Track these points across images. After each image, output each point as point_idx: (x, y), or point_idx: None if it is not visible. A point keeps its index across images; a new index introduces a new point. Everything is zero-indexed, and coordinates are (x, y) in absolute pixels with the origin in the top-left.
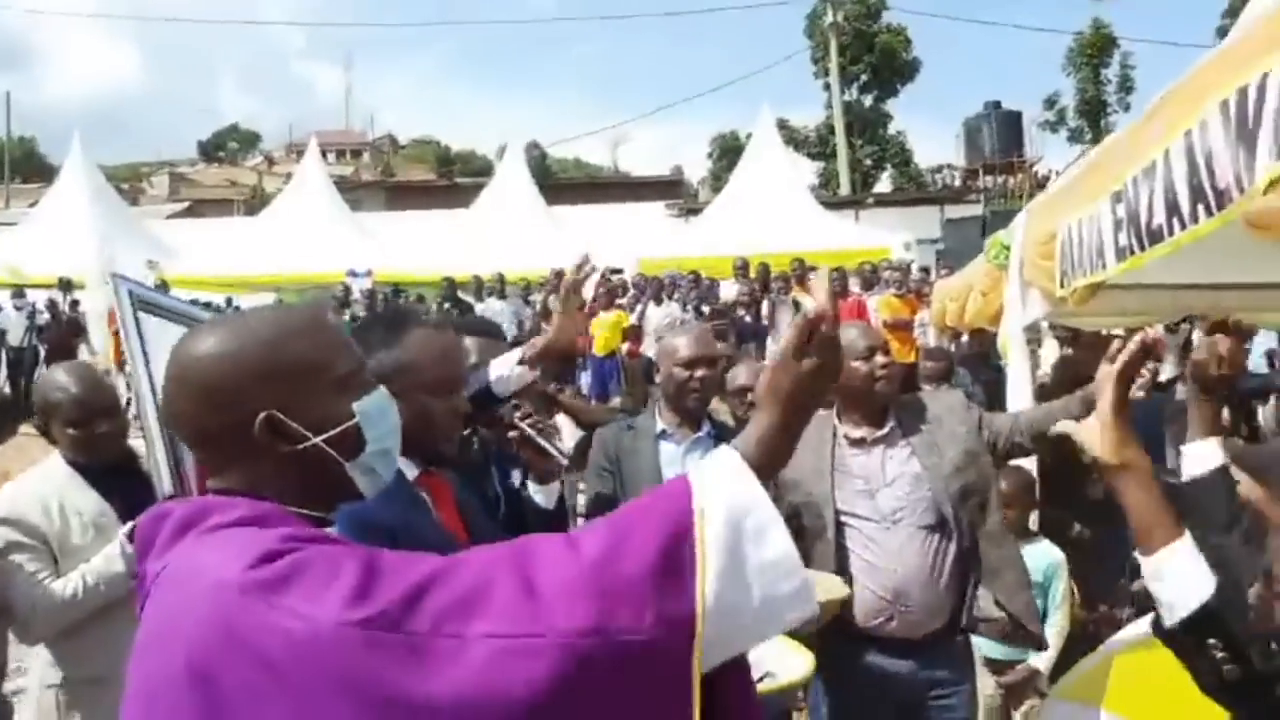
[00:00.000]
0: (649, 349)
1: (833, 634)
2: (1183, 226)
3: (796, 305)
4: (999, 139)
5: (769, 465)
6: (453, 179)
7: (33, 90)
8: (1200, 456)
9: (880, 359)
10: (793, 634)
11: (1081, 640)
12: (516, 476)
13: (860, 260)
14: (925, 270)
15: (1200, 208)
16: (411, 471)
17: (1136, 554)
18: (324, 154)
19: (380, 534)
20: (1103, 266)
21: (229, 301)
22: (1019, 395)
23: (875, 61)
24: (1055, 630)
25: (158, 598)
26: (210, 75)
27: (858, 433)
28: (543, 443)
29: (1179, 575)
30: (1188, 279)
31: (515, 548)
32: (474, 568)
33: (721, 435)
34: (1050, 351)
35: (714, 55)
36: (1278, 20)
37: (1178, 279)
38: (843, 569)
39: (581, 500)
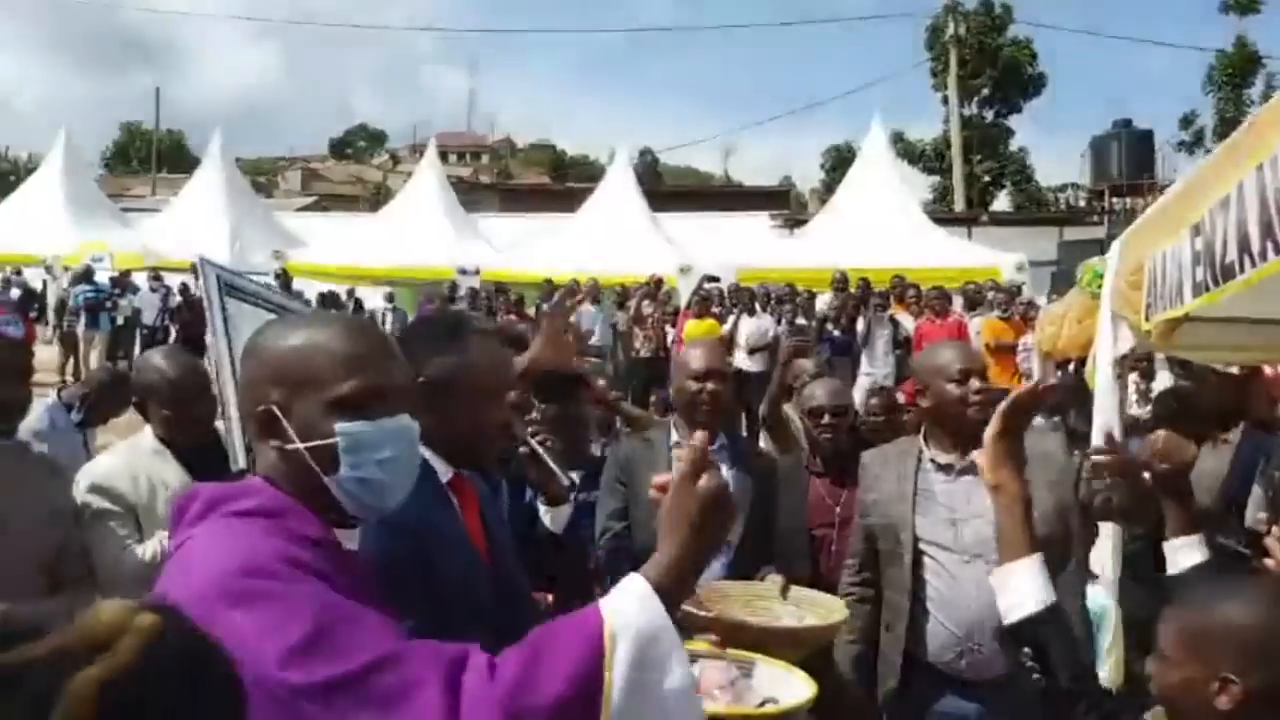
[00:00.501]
0: (740, 361)
1: (903, 666)
2: (1253, 264)
3: (894, 322)
4: (1128, 159)
5: (676, 590)
6: (565, 183)
7: (181, 86)
8: (1183, 551)
9: (975, 383)
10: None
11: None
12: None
13: (966, 280)
14: (1018, 290)
15: (1269, 245)
16: (446, 473)
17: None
18: (445, 155)
19: (404, 533)
20: (1181, 301)
21: (350, 293)
22: (1106, 430)
23: (998, 75)
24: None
25: (167, 571)
26: (343, 76)
27: (945, 458)
28: (549, 463)
29: (1017, 587)
30: None
31: (455, 654)
32: (414, 664)
33: (735, 447)
34: (1164, 384)
35: (831, 66)
36: None
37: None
38: (917, 598)
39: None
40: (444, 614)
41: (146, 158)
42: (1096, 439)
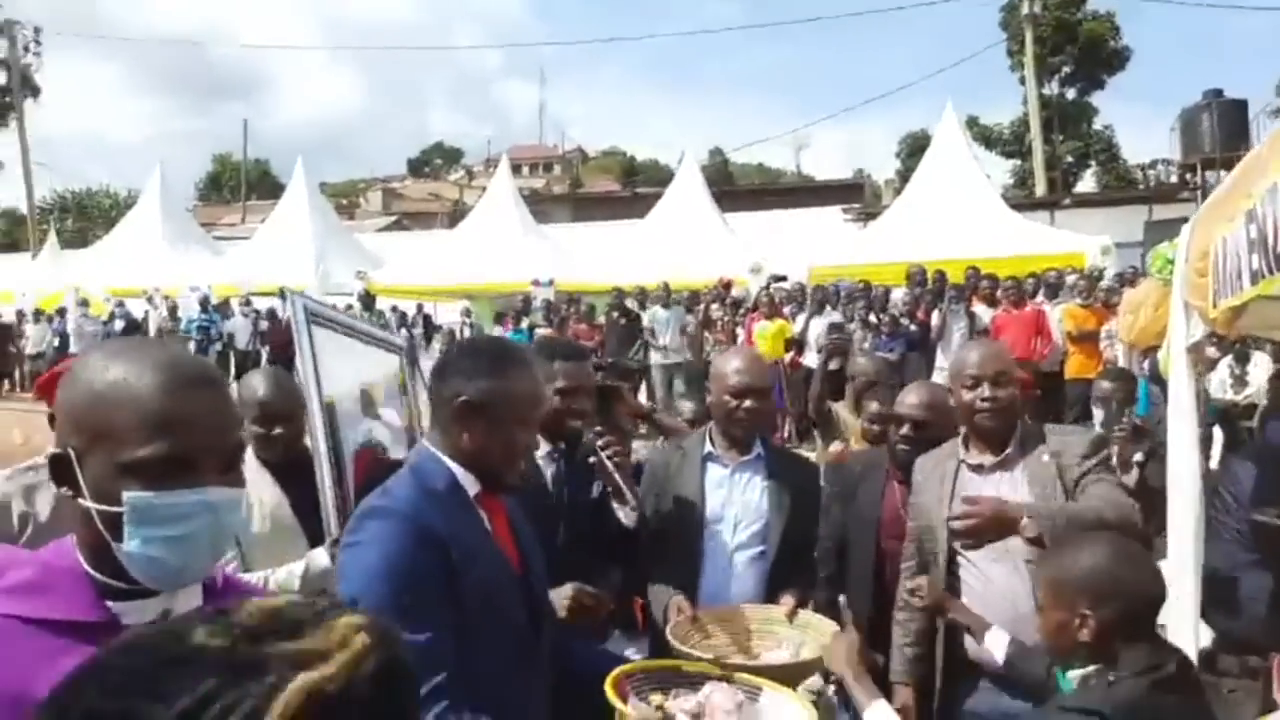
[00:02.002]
0: (810, 360)
1: (946, 665)
2: None
3: (970, 316)
4: (1220, 131)
5: None
6: (635, 189)
7: (267, 116)
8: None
9: (985, 390)
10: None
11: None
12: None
13: (1048, 266)
14: (1099, 276)
15: None
16: (473, 489)
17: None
18: (517, 168)
19: (436, 541)
20: (1241, 288)
21: (419, 308)
22: (1181, 421)
23: (1079, 52)
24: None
25: None
26: (420, 97)
27: (977, 459)
28: (616, 478)
29: (996, 644)
30: None
31: None
32: None
33: (770, 459)
34: (1260, 366)
35: (905, 53)
36: None
37: None
38: (954, 598)
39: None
40: (473, 621)
41: (236, 187)
42: (1172, 429)
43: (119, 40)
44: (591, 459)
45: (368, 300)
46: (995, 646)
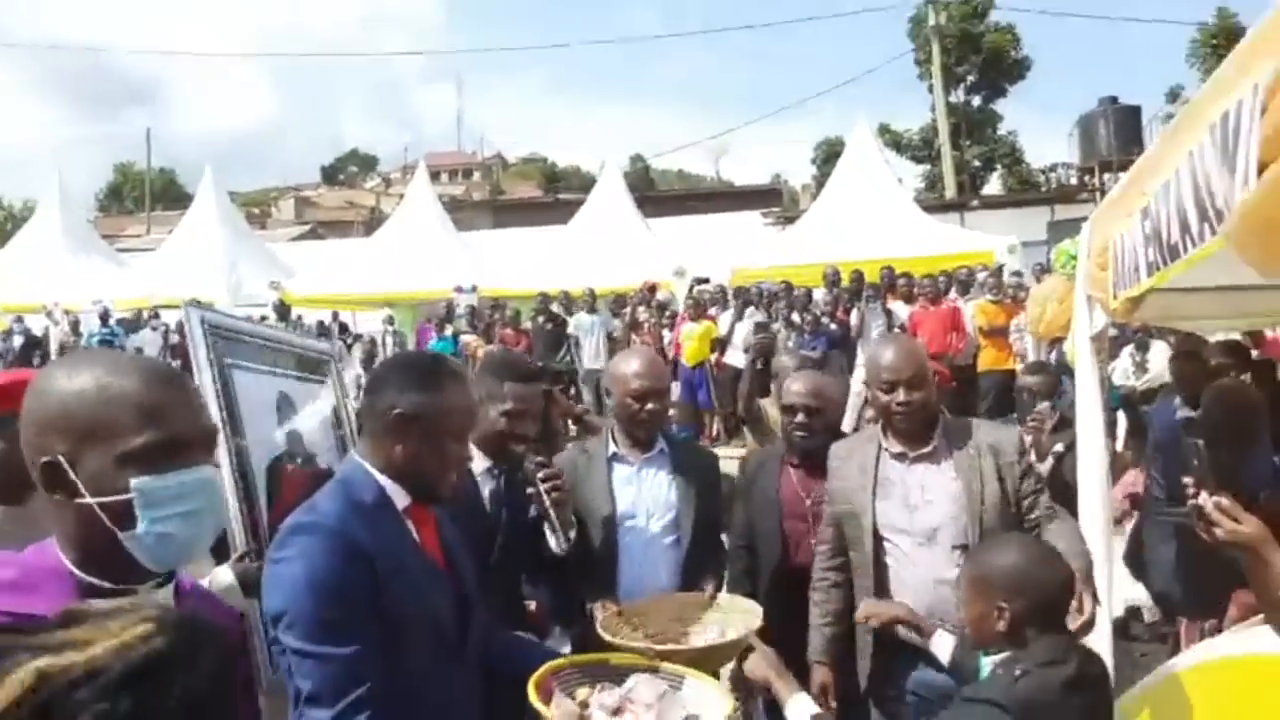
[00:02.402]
0: (735, 359)
1: (878, 648)
2: (1193, 244)
3: (888, 313)
4: (1116, 135)
5: None
6: (556, 196)
7: (171, 124)
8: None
9: (901, 395)
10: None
11: None
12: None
13: (960, 265)
14: (1017, 275)
15: (1205, 226)
16: (402, 501)
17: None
18: (436, 175)
19: (362, 555)
20: (1138, 280)
21: (334, 316)
22: (1088, 406)
23: (982, 62)
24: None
25: None
26: (333, 104)
27: (899, 448)
28: (550, 512)
29: (941, 647)
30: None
31: None
32: None
33: (673, 452)
34: (1159, 354)
35: (819, 63)
36: (1251, 47)
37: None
38: (879, 580)
39: None
40: (400, 629)
41: (140, 197)
42: (1081, 414)
43: (9, 46)
44: (530, 489)
45: (283, 310)
46: (941, 649)
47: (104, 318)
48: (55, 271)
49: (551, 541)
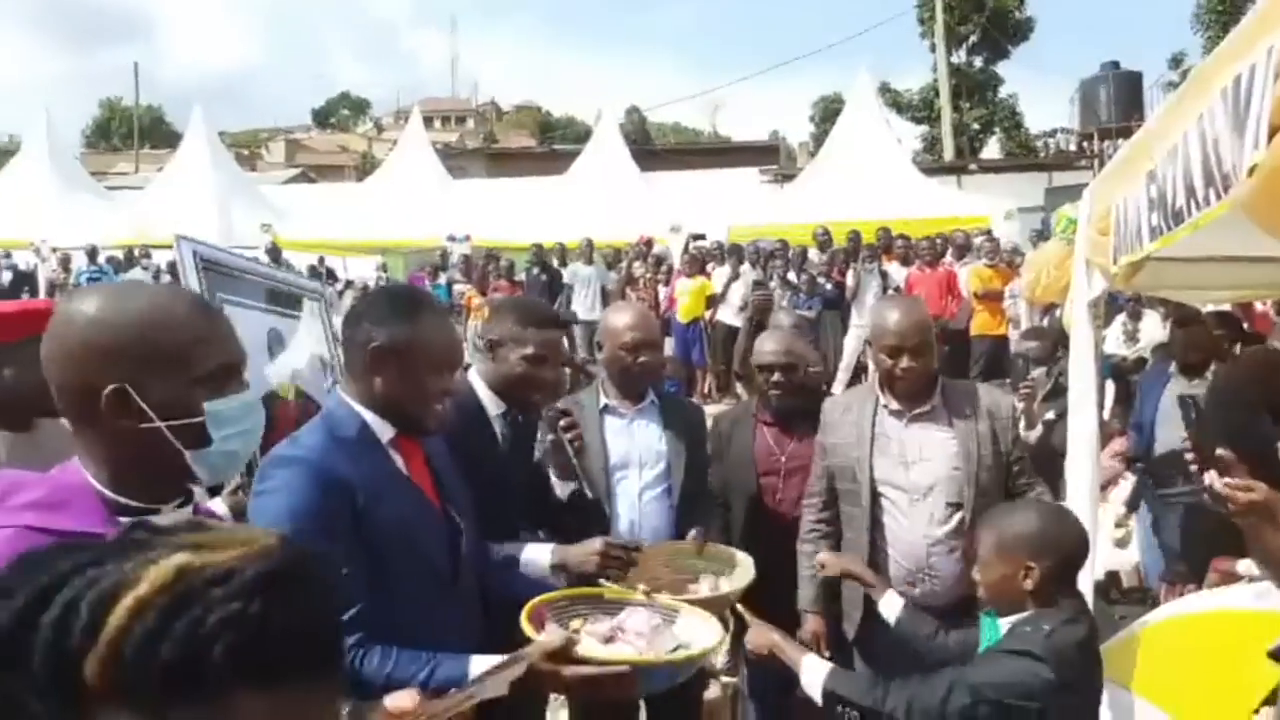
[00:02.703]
0: (729, 317)
1: (861, 597)
2: (1198, 208)
3: (884, 275)
4: (1116, 101)
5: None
6: (552, 146)
7: (159, 61)
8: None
9: (905, 361)
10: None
11: None
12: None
13: (956, 228)
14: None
15: (1211, 191)
16: (386, 434)
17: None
18: (429, 121)
19: (341, 485)
20: (1140, 245)
21: (320, 260)
22: (1082, 371)
23: (986, 21)
24: None
25: None
26: (323, 44)
27: (896, 406)
28: (573, 461)
29: (889, 607)
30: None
31: None
32: None
33: (662, 405)
34: (1151, 323)
35: (819, 17)
36: (1264, 12)
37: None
38: (875, 535)
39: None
40: (387, 557)
41: (127, 134)
42: (1074, 381)
43: None
44: (550, 436)
45: (275, 254)
46: (889, 609)
47: (92, 255)
48: (43, 208)
49: (559, 489)
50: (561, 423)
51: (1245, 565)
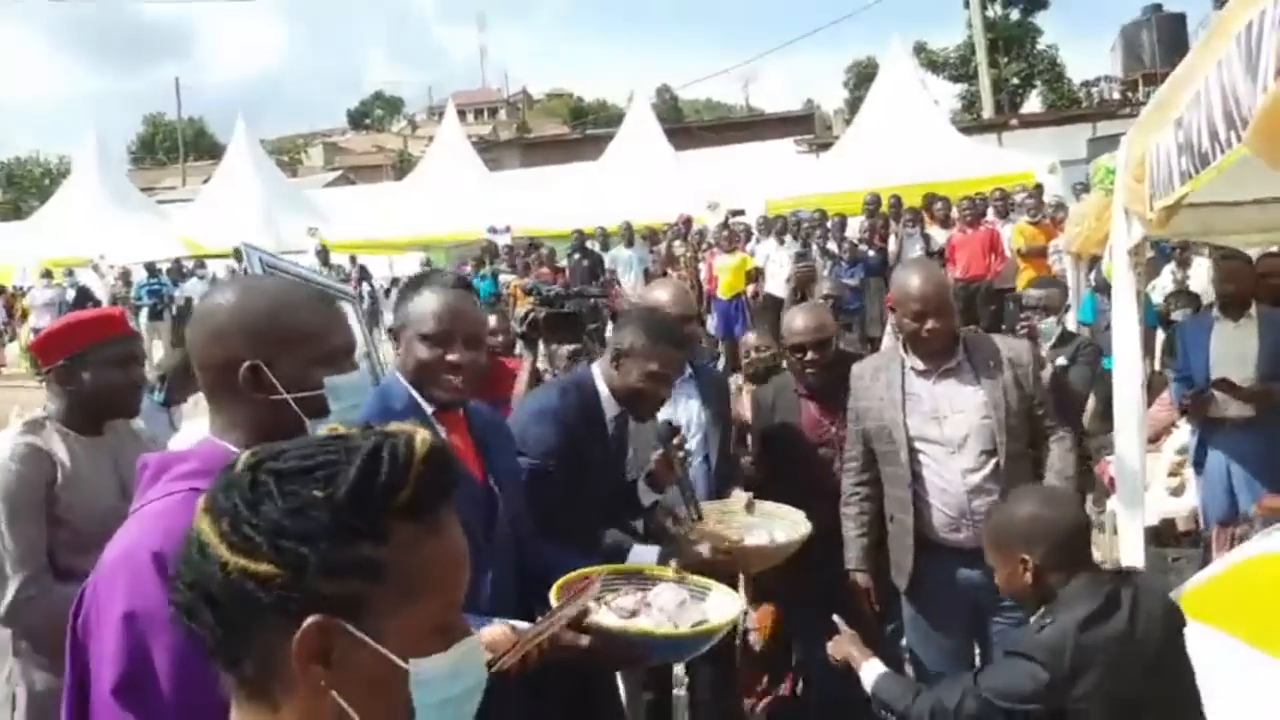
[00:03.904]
0: (776, 289)
1: (911, 547)
2: (1221, 151)
3: (926, 238)
4: (1161, 46)
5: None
6: (584, 131)
7: (198, 74)
8: None
9: (930, 324)
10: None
11: None
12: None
13: (997, 187)
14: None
15: (1232, 134)
16: (430, 406)
17: None
18: (462, 115)
19: None
20: (1172, 189)
21: (352, 260)
22: (1125, 322)
23: None
24: None
25: (121, 528)
26: (354, 47)
27: (922, 365)
28: (683, 482)
29: (868, 675)
30: None
31: None
32: None
33: (700, 379)
34: (1200, 271)
35: None
36: None
37: None
38: (917, 489)
39: None
40: None
41: (170, 148)
42: (1117, 330)
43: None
44: (661, 450)
45: (324, 256)
46: (867, 677)
47: (151, 269)
48: (98, 226)
49: (644, 496)
50: (675, 440)
51: None
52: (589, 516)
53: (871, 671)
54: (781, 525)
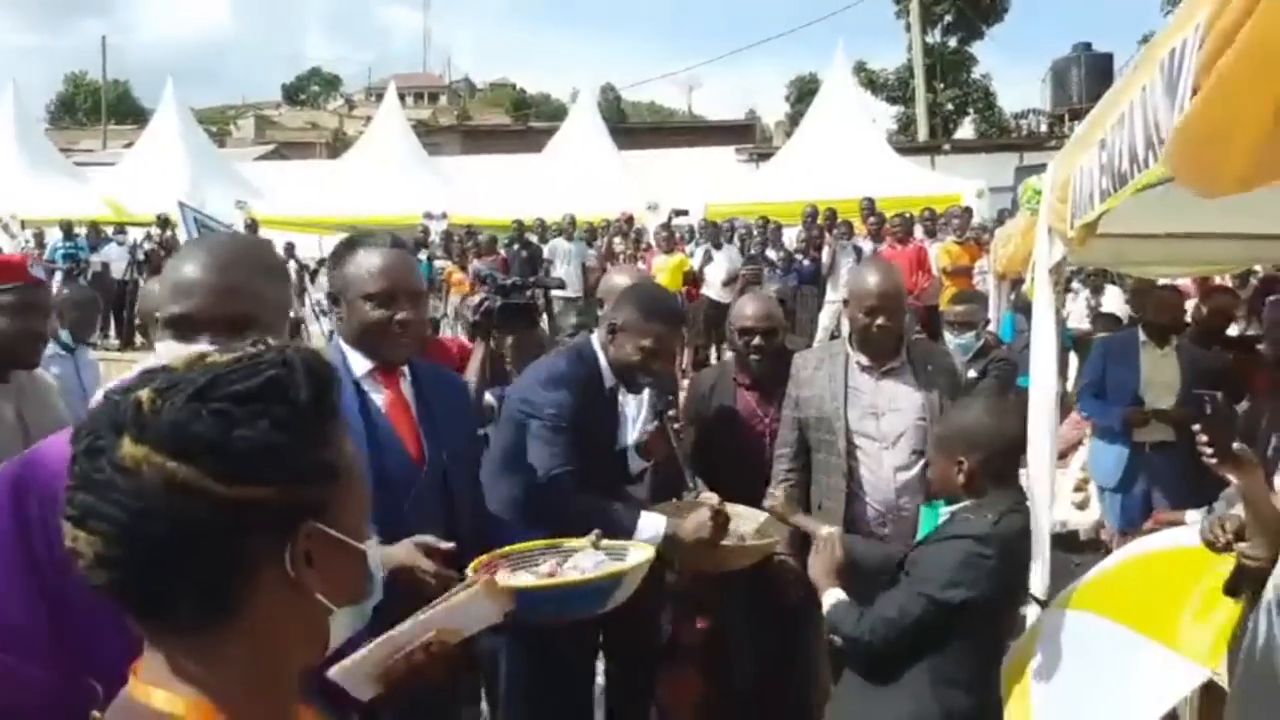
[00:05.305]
0: (714, 293)
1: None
2: (1139, 170)
3: (857, 250)
4: (1088, 82)
5: None
6: (527, 123)
7: (125, 35)
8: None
9: (881, 320)
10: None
11: None
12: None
13: (926, 206)
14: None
15: (1150, 154)
16: (363, 367)
17: None
18: (402, 97)
19: None
20: (1091, 208)
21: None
22: (1043, 340)
23: (961, 2)
24: None
25: None
26: (293, 20)
27: (866, 362)
28: (678, 456)
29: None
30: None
31: None
32: None
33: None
34: (1112, 298)
35: None
36: None
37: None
38: (850, 481)
39: None
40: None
41: (91, 109)
42: (1035, 348)
43: None
44: (655, 423)
45: (252, 229)
46: (825, 603)
47: (68, 231)
48: (11, 183)
49: (633, 464)
50: (670, 412)
51: (1192, 516)
52: (586, 481)
53: (829, 599)
54: (749, 525)
